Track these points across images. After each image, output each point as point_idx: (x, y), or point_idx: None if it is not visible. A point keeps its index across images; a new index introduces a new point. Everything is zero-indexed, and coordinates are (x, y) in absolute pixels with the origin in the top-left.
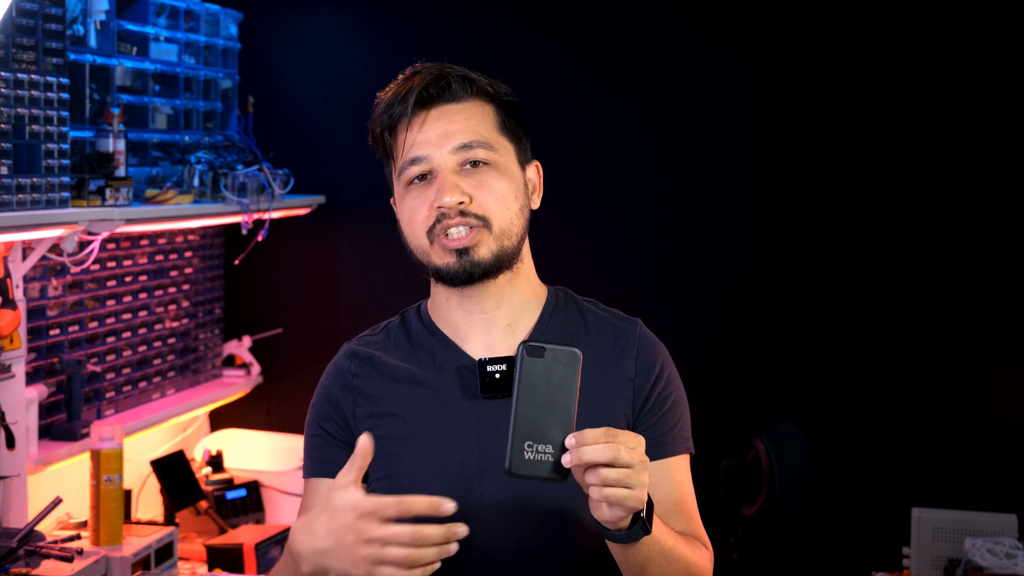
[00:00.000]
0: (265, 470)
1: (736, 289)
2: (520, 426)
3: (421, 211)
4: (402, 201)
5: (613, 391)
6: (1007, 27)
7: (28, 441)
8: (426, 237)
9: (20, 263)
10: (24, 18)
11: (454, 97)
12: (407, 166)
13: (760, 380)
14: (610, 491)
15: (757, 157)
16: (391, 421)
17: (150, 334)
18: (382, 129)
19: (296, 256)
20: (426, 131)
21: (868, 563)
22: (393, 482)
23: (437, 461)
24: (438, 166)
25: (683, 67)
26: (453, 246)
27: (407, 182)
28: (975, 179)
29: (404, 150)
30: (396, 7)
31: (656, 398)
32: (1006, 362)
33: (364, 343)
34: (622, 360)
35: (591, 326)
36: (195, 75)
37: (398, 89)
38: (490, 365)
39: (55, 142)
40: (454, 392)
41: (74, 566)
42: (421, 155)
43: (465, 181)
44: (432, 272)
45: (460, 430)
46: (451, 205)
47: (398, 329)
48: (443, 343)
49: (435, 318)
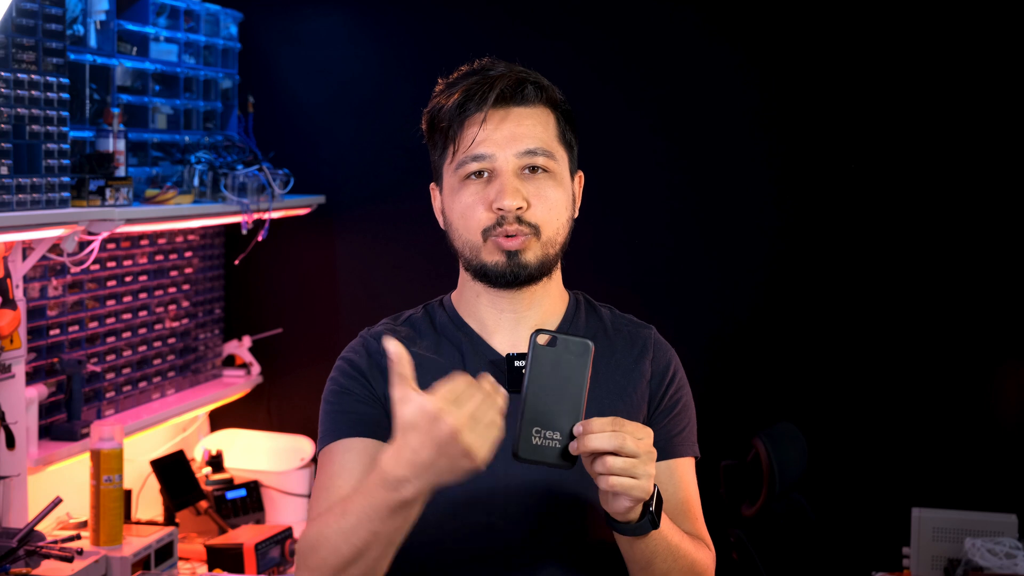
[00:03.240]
0: (265, 470)
1: (736, 289)
2: (529, 411)
3: (478, 209)
4: (455, 193)
5: (632, 390)
6: (1007, 27)
7: (28, 441)
8: (480, 235)
9: (20, 263)
10: (24, 18)
11: (526, 101)
12: (468, 160)
13: (760, 380)
14: (616, 480)
15: (758, 158)
16: None
17: (150, 334)
18: (449, 121)
19: (296, 256)
20: (495, 131)
21: (868, 563)
22: None
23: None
24: (500, 167)
25: (686, 67)
26: (506, 246)
27: (465, 176)
28: (975, 179)
29: (469, 145)
30: (396, 7)
31: (668, 401)
32: (1006, 362)
33: (388, 331)
34: (639, 362)
35: (610, 329)
36: (195, 75)
37: (472, 86)
38: (517, 360)
39: (55, 142)
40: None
41: (74, 566)
42: (486, 153)
43: (524, 186)
44: (476, 268)
45: None
46: (510, 208)
47: (423, 320)
48: (470, 337)
49: (462, 312)
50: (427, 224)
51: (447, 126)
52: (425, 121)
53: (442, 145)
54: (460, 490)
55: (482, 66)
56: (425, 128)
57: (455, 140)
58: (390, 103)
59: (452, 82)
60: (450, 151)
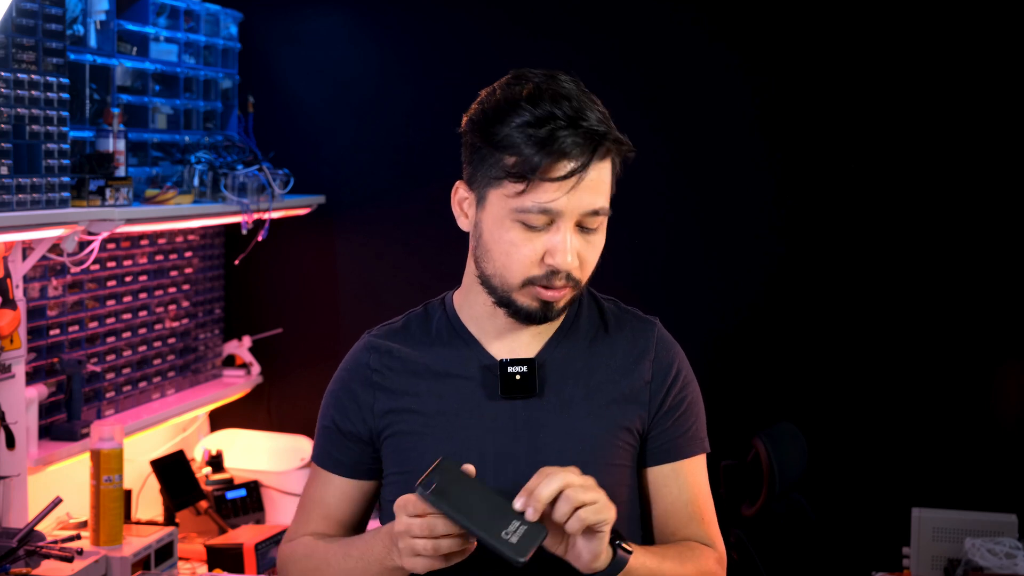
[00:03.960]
0: (265, 470)
1: (736, 289)
2: (484, 530)
3: (528, 256)
4: (501, 225)
5: (632, 394)
6: (1007, 27)
7: (28, 441)
8: (521, 280)
9: (20, 263)
10: (24, 18)
11: (603, 155)
12: (535, 211)
13: (760, 380)
14: (583, 511)
15: (758, 158)
16: (410, 417)
17: (150, 334)
18: (522, 156)
19: (296, 256)
20: (569, 192)
21: (868, 563)
22: (411, 477)
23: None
24: (562, 224)
25: (686, 67)
26: (546, 296)
27: (520, 212)
28: (975, 179)
29: (537, 190)
30: (396, 7)
31: (671, 402)
32: (1006, 362)
33: (384, 334)
34: (640, 363)
35: (611, 327)
36: (195, 75)
37: (563, 139)
38: (511, 366)
39: (55, 142)
40: (474, 391)
41: (74, 566)
42: (556, 210)
43: (576, 238)
44: (503, 301)
45: (478, 428)
46: (565, 269)
47: (420, 321)
48: (466, 340)
49: (463, 315)
50: (427, 224)
51: (519, 160)
52: (477, 124)
53: (496, 165)
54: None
55: (556, 91)
56: (474, 130)
57: (523, 179)
58: (390, 103)
59: (530, 100)
60: (508, 181)
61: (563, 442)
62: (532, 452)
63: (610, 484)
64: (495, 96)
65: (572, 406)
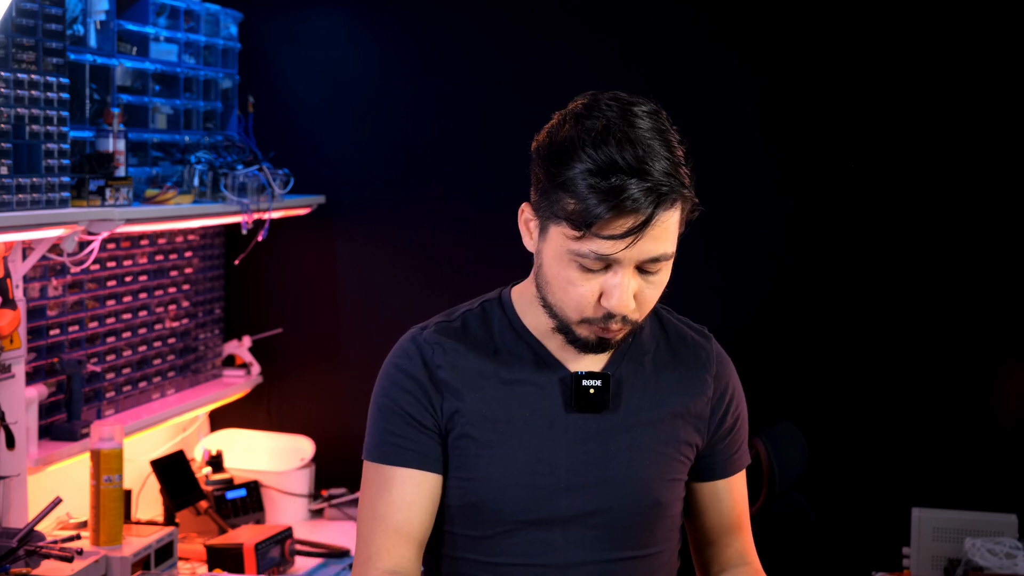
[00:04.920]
0: (265, 470)
1: (736, 290)
2: None
3: (584, 295)
4: (560, 260)
5: (697, 409)
6: (1007, 27)
7: (28, 441)
8: (577, 316)
9: (20, 263)
10: (24, 18)
11: (667, 207)
12: (592, 257)
13: (760, 380)
14: None
15: (758, 158)
16: (479, 421)
17: (150, 334)
18: (581, 198)
19: (296, 256)
20: (631, 244)
21: (868, 563)
22: (480, 484)
23: (528, 471)
24: (619, 265)
25: (686, 67)
26: (602, 335)
27: (577, 255)
28: (975, 179)
29: (594, 241)
30: (396, 7)
31: (729, 420)
32: (1006, 362)
33: (443, 332)
34: (701, 379)
35: (672, 339)
36: (195, 75)
37: (618, 185)
38: (586, 379)
39: (55, 142)
40: (544, 400)
41: (74, 566)
42: (615, 258)
43: (635, 280)
44: (562, 329)
45: (549, 440)
46: (621, 313)
47: (479, 322)
48: (533, 348)
49: (524, 317)
50: (427, 224)
51: (579, 208)
52: (543, 155)
53: (557, 203)
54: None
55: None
56: (539, 160)
57: (582, 228)
58: (390, 103)
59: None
60: (568, 225)
61: (631, 456)
62: (601, 466)
63: (670, 500)
64: (564, 128)
65: (640, 421)
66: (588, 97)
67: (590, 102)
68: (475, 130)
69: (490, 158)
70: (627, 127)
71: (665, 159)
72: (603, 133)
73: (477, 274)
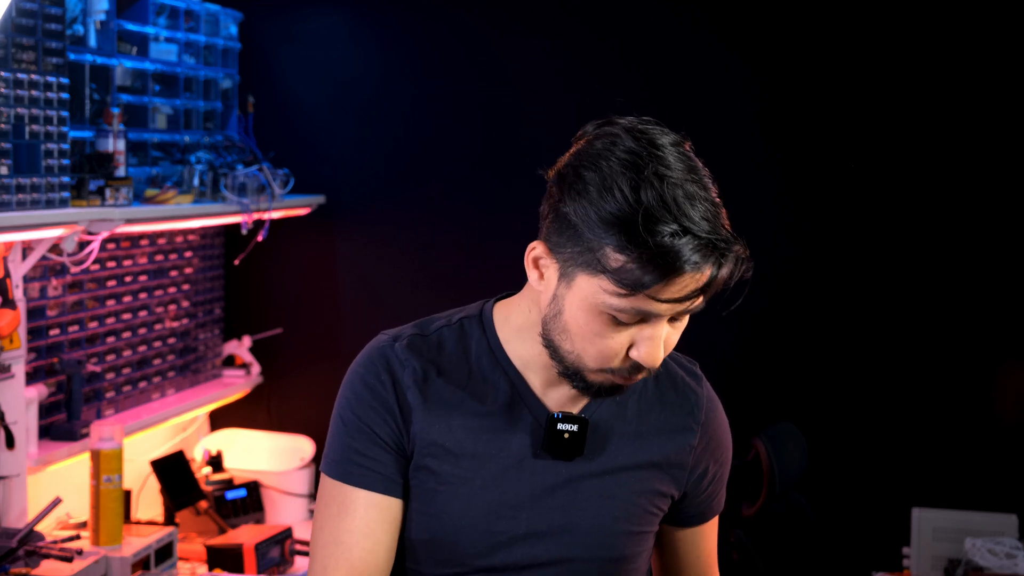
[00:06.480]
0: (265, 470)
1: (736, 289)
2: None
3: (612, 347)
4: (587, 312)
5: (668, 465)
6: (1007, 27)
7: (28, 441)
8: (598, 367)
9: (20, 263)
10: (24, 18)
11: (728, 262)
12: (630, 312)
13: (760, 380)
14: None
15: (758, 159)
16: (442, 454)
17: (150, 334)
18: (627, 254)
19: (296, 256)
20: (675, 309)
21: (868, 563)
22: (435, 520)
23: (486, 513)
24: (657, 319)
25: (686, 67)
26: (620, 383)
27: (615, 310)
28: (975, 179)
29: (641, 300)
30: (396, 7)
31: (711, 470)
32: (1006, 362)
33: (415, 349)
34: (687, 427)
35: (661, 380)
36: (195, 75)
37: (669, 246)
38: (561, 423)
39: (55, 142)
40: (514, 437)
41: (74, 566)
42: (654, 314)
43: (667, 328)
44: (571, 373)
45: (515, 482)
46: (652, 368)
47: (456, 343)
48: (511, 379)
49: (507, 344)
50: (427, 224)
51: (625, 268)
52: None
53: (593, 253)
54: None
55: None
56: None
57: (637, 284)
58: (390, 103)
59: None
60: (615, 281)
61: (601, 505)
62: (567, 513)
63: (635, 553)
64: (591, 167)
65: (614, 467)
66: (603, 127)
67: (610, 138)
68: (475, 130)
69: (490, 158)
70: (664, 168)
71: (705, 204)
72: (644, 177)
73: (477, 274)
